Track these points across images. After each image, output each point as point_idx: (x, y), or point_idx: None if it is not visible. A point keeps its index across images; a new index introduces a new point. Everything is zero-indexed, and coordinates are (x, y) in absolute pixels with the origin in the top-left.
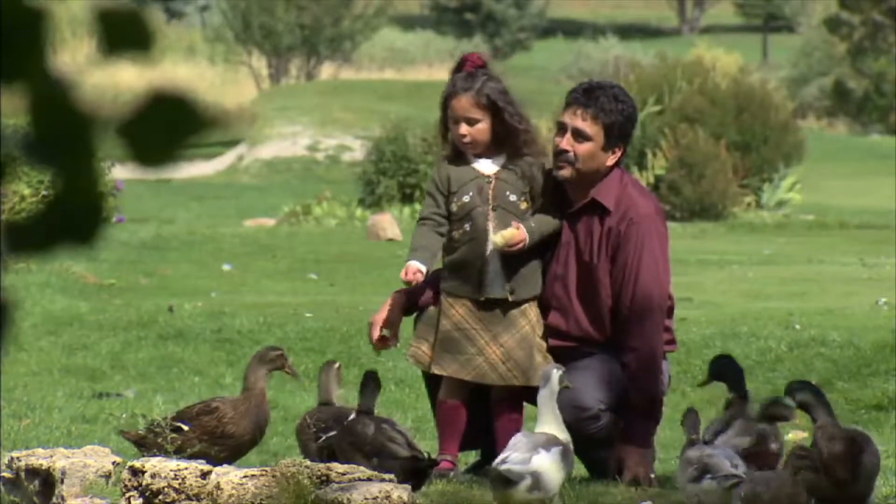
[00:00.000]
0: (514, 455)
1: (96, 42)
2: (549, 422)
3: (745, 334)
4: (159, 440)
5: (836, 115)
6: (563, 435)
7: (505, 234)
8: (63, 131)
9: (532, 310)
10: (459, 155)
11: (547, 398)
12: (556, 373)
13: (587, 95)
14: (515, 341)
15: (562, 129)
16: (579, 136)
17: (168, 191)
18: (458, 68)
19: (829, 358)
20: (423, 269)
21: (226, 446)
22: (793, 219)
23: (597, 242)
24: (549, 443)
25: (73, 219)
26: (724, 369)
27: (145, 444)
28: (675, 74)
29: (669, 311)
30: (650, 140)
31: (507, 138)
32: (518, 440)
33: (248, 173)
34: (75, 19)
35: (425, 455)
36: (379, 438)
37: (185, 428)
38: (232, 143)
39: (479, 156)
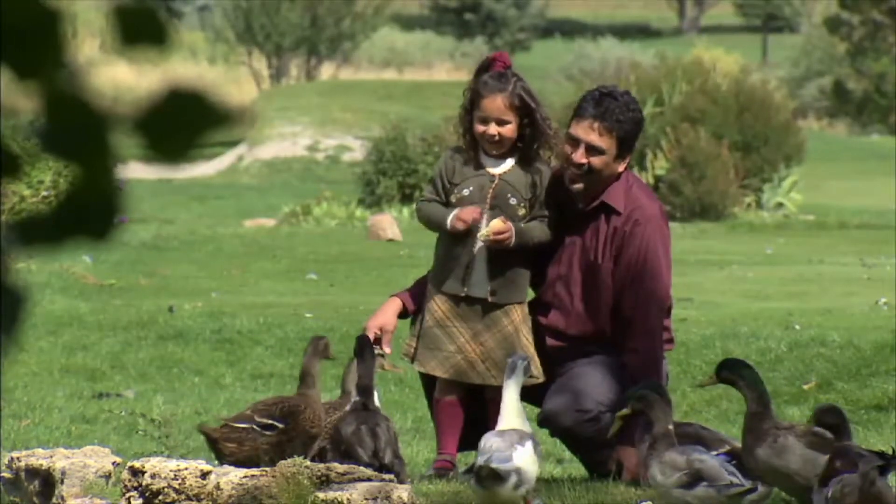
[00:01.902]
0: (497, 453)
1: (112, 38)
2: (513, 412)
3: (745, 334)
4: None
5: (835, 116)
6: (527, 426)
7: (491, 225)
8: (79, 127)
9: (517, 311)
10: (472, 149)
11: (512, 388)
12: (521, 363)
13: (599, 107)
14: (496, 341)
15: (575, 142)
16: (593, 150)
17: (168, 191)
18: (486, 68)
19: (828, 358)
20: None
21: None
22: (793, 219)
23: (602, 243)
24: (523, 438)
25: (89, 214)
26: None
27: (234, 440)
28: (675, 74)
29: (668, 311)
30: (651, 140)
31: (530, 141)
32: (492, 440)
33: (248, 173)
34: (81, 17)
35: (384, 464)
36: (351, 440)
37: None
38: (232, 144)
39: (490, 155)
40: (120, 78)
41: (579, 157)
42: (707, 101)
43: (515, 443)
